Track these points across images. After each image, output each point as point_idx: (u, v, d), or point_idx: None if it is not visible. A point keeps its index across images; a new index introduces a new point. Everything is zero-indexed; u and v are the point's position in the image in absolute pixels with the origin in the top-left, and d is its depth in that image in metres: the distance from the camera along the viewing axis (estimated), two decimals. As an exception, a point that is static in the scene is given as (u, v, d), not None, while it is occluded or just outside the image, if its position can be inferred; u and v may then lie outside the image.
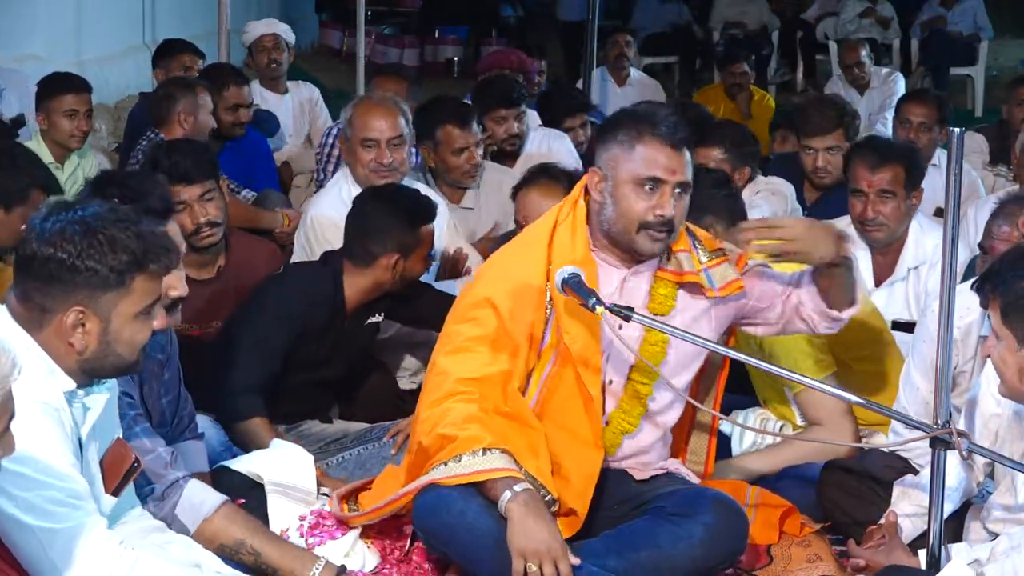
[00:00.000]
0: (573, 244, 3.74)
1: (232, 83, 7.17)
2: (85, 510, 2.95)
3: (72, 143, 6.55)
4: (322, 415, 4.75)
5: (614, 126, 3.79)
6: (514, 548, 3.44)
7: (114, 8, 10.60)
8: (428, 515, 3.61)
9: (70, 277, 2.92)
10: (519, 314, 3.71)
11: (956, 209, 3.47)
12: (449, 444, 3.58)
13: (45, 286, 2.94)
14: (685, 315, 3.81)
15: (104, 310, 2.96)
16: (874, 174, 5.01)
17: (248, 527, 3.55)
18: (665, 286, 3.80)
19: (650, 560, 3.61)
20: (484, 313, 3.72)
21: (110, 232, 2.94)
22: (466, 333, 3.73)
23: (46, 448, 2.90)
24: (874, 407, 3.90)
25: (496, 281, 3.77)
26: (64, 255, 2.92)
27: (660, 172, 3.67)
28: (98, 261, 2.92)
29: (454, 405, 3.63)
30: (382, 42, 15.44)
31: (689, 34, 14.74)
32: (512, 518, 3.47)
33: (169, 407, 3.89)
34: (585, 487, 3.72)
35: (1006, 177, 7.19)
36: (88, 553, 2.93)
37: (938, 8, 14.09)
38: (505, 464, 3.54)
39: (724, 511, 3.68)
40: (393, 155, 5.30)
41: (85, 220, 2.95)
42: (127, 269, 2.95)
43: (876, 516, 3.91)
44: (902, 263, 5.10)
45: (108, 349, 3.00)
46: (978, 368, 3.99)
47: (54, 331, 2.96)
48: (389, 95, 5.93)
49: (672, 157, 3.68)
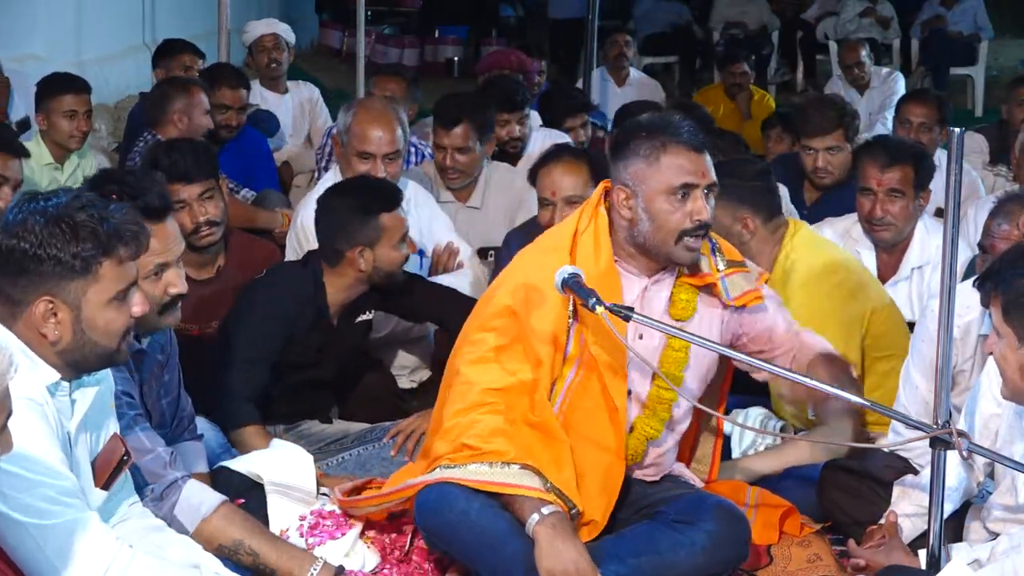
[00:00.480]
0: (597, 254, 3.72)
1: (225, 84, 7.13)
2: (78, 506, 2.94)
3: (71, 143, 6.54)
4: (321, 415, 4.74)
5: (631, 141, 3.74)
6: (543, 569, 3.44)
7: (114, 8, 10.60)
8: (430, 513, 3.60)
9: (35, 267, 2.90)
10: (541, 323, 3.69)
11: (956, 209, 3.46)
12: (471, 453, 3.59)
13: (13, 278, 2.93)
14: (704, 321, 3.81)
15: (73, 298, 2.94)
16: (884, 173, 5.02)
17: (246, 527, 3.54)
18: (686, 291, 3.80)
19: (651, 566, 3.61)
20: (506, 322, 3.71)
21: (72, 219, 2.91)
22: (489, 343, 3.71)
23: (34, 445, 2.88)
24: (874, 407, 3.90)
25: (517, 289, 3.75)
26: (27, 245, 2.90)
27: (690, 177, 3.66)
28: (60, 249, 2.90)
29: (481, 417, 3.62)
30: (382, 42, 15.44)
31: (689, 34, 14.74)
32: (540, 540, 3.47)
33: (169, 407, 3.89)
34: (608, 497, 3.73)
35: (1006, 177, 7.18)
36: (84, 549, 2.92)
37: (938, 8, 14.09)
38: (532, 483, 3.54)
39: (726, 518, 3.68)
40: (387, 169, 5.25)
41: (46, 210, 2.92)
42: (92, 255, 2.92)
43: (876, 516, 3.91)
44: (906, 263, 5.10)
45: (84, 338, 2.96)
46: (978, 367, 3.99)
47: (26, 323, 2.94)
48: (388, 101, 5.92)
49: (697, 160, 3.68)
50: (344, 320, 4.64)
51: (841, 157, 6.23)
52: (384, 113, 5.37)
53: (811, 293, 4.45)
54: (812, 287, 4.47)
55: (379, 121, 5.29)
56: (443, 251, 5.49)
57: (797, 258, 4.53)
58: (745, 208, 4.55)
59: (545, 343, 3.68)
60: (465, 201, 6.05)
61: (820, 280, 4.49)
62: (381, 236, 4.53)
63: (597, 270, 3.68)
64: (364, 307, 4.71)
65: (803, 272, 4.49)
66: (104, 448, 3.15)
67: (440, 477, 3.58)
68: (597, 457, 3.72)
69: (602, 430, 3.72)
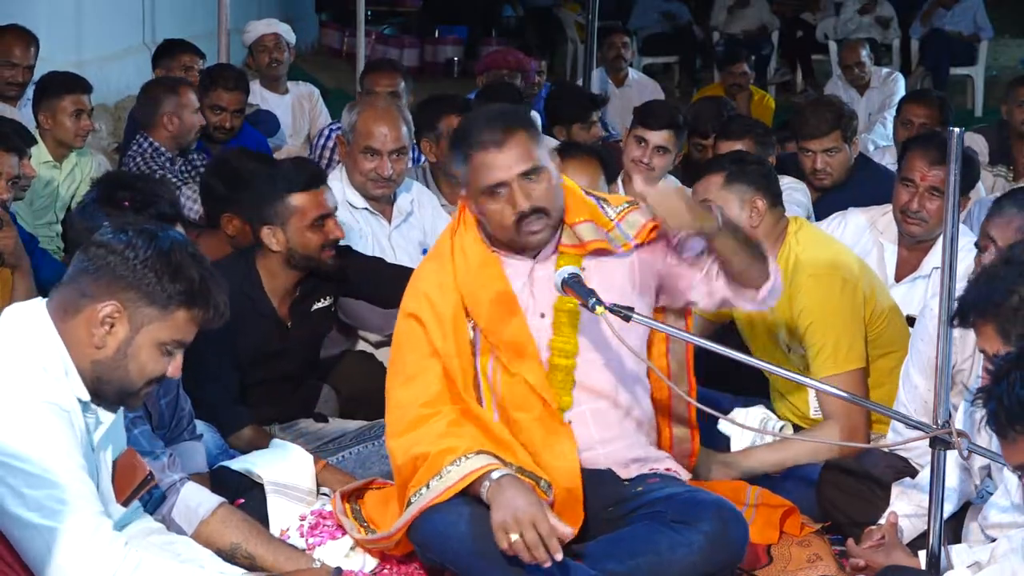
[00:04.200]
0: (475, 249, 3.80)
1: (222, 86, 7.12)
2: (91, 511, 2.95)
3: (77, 142, 6.55)
4: (308, 411, 4.74)
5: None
6: (495, 524, 3.44)
7: (114, 8, 10.60)
8: (421, 527, 3.61)
9: (126, 274, 2.99)
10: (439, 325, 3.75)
11: (956, 209, 3.46)
12: (424, 463, 3.61)
13: (97, 272, 3.01)
14: (597, 281, 3.75)
15: (138, 320, 3.01)
16: (931, 169, 5.00)
17: (243, 530, 3.55)
18: (566, 259, 3.79)
19: (649, 566, 3.60)
20: (414, 330, 3.77)
21: (180, 259, 3.03)
22: (408, 358, 3.79)
23: (54, 448, 2.92)
24: (874, 407, 3.90)
25: (415, 294, 3.83)
26: (132, 255, 3.00)
27: (498, 175, 3.70)
28: (157, 275, 3.00)
29: (422, 428, 3.68)
30: (382, 42, 15.43)
31: (689, 34, 14.74)
32: (491, 500, 3.50)
33: (168, 408, 3.89)
34: (568, 465, 3.72)
35: (1006, 178, 7.19)
36: (93, 553, 2.93)
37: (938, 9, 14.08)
38: (483, 463, 3.57)
39: (725, 519, 3.66)
40: (394, 167, 5.28)
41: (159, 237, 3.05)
42: (177, 297, 3.02)
43: (875, 516, 3.91)
44: (928, 261, 5.08)
45: (121, 363, 3.02)
46: (977, 367, 3.99)
47: (84, 319, 3.00)
48: (392, 98, 5.93)
49: (500, 156, 3.70)
50: (297, 309, 4.61)
51: (840, 158, 6.23)
52: (389, 110, 5.39)
53: (821, 286, 4.43)
54: (822, 280, 4.44)
55: (385, 118, 5.31)
56: None
57: (802, 251, 4.51)
58: (752, 190, 4.52)
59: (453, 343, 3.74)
60: (457, 203, 6.04)
61: (830, 274, 4.46)
62: (291, 216, 4.49)
63: (477, 263, 3.76)
64: (317, 294, 4.67)
65: (811, 266, 4.46)
66: (122, 464, 3.19)
67: (413, 513, 3.60)
68: (541, 428, 3.75)
69: (535, 405, 3.75)
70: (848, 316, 4.42)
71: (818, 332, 4.40)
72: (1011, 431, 2.90)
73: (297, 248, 4.52)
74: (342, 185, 5.35)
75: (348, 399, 4.97)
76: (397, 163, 5.29)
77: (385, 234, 5.38)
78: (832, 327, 4.39)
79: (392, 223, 5.41)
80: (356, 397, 4.95)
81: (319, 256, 4.54)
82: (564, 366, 3.80)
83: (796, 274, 4.46)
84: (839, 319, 4.39)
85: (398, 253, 5.31)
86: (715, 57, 13.47)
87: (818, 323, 4.39)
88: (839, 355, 4.38)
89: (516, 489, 3.49)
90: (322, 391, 4.93)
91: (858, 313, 4.43)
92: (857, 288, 4.48)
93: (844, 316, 4.41)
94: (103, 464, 3.12)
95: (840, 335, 4.39)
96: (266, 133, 7.84)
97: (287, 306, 4.60)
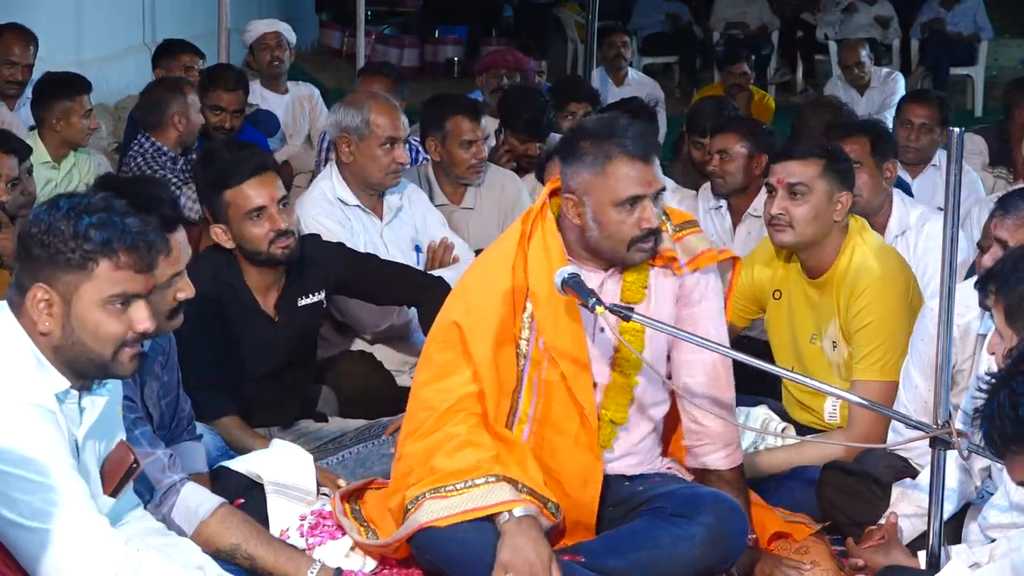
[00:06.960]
0: (548, 257, 3.71)
1: (221, 87, 7.11)
2: (87, 511, 2.94)
3: (85, 141, 6.57)
4: (308, 411, 4.73)
5: (577, 147, 3.71)
6: (499, 560, 3.47)
7: (114, 8, 10.60)
8: (420, 532, 3.61)
9: (39, 253, 2.94)
10: (486, 332, 3.70)
11: (956, 209, 3.46)
12: (439, 474, 3.62)
13: (22, 263, 2.99)
14: (657, 300, 3.78)
15: (65, 291, 2.94)
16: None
17: (243, 531, 3.54)
18: (636, 269, 3.77)
19: (650, 560, 3.61)
20: (451, 336, 3.73)
21: (84, 216, 2.94)
22: (436, 360, 3.75)
23: (44, 450, 2.90)
24: (874, 407, 3.90)
25: (462, 302, 3.78)
26: (36, 231, 2.95)
27: (638, 189, 3.64)
28: (61, 239, 2.92)
29: (440, 433, 3.67)
30: (382, 42, 15.43)
31: (689, 34, 14.74)
32: (504, 534, 3.52)
33: (168, 408, 3.89)
34: (591, 493, 3.73)
35: (1006, 179, 7.18)
36: (92, 554, 2.92)
37: (938, 9, 14.08)
38: (501, 497, 3.57)
39: (724, 511, 3.68)
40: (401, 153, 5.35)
41: (66, 205, 2.96)
42: (90, 253, 2.93)
43: (876, 516, 3.91)
44: (888, 234, 5.11)
45: (74, 337, 2.96)
46: (977, 367, 3.98)
47: (27, 311, 2.96)
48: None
49: (644, 170, 3.65)
50: (283, 303, 4.57)
51: None
52: (389, 100, 5.53)
53: (888, 291, 4.38)
54: (890, 286, 4.39)
55: (392, 107, 5.40)
56: (438, 247, 5.50)
57: (870, 252, 4.44)
58: (845, 188, 4.45)
59: (491, 350, 3.69)
60: (459, 203, 6.05)
61: (897, 282, 4.43)
62: (229, 211, 4.42)
63: (551, 272, 3.65)
64: (305, 290, 4.62)
65: (881, 268, 4.41)
66: (112, 455, 3.15)
67: (415, 527, 3.60)
68: (575, 453, 3.73)
69: (575, 426, 3.73)
70: (903, 328, 4.31)
71: (873, 335, 4.35)
72: (1008, 451, 2.91)
73: (244, 243, 4.43)
74: (332, 183, 5.36)
75: (348, 399, 4.97)
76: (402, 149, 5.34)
77: (377, 231, 5.37)
78: (889, 334, 4.33)
79: (384, 220, 5.41)
80: (356, 397, 4.95)
81: (267, 249, 4.41)
82: (624, 384, 3.79)
83: (862, 272, 4.39)
84: (897, 328, 4.32)
85: (391, 249, 5.30)
86: (715, 57, 13.46)
87: (875, 325, 4.34)
88: (886, 363, 4.32)
89: (529, 536, 3.51)
90: (322, 391, 4.93)
91: (910, 328, 4.29)
92: (914, 304, 4.42)
93: (901, 326, 4.32)
94: (90, 459, 3.08)
95: (892, 344, 4.32)
96: (266, 133, 7.83)
97: (273, 301, 4.55)
